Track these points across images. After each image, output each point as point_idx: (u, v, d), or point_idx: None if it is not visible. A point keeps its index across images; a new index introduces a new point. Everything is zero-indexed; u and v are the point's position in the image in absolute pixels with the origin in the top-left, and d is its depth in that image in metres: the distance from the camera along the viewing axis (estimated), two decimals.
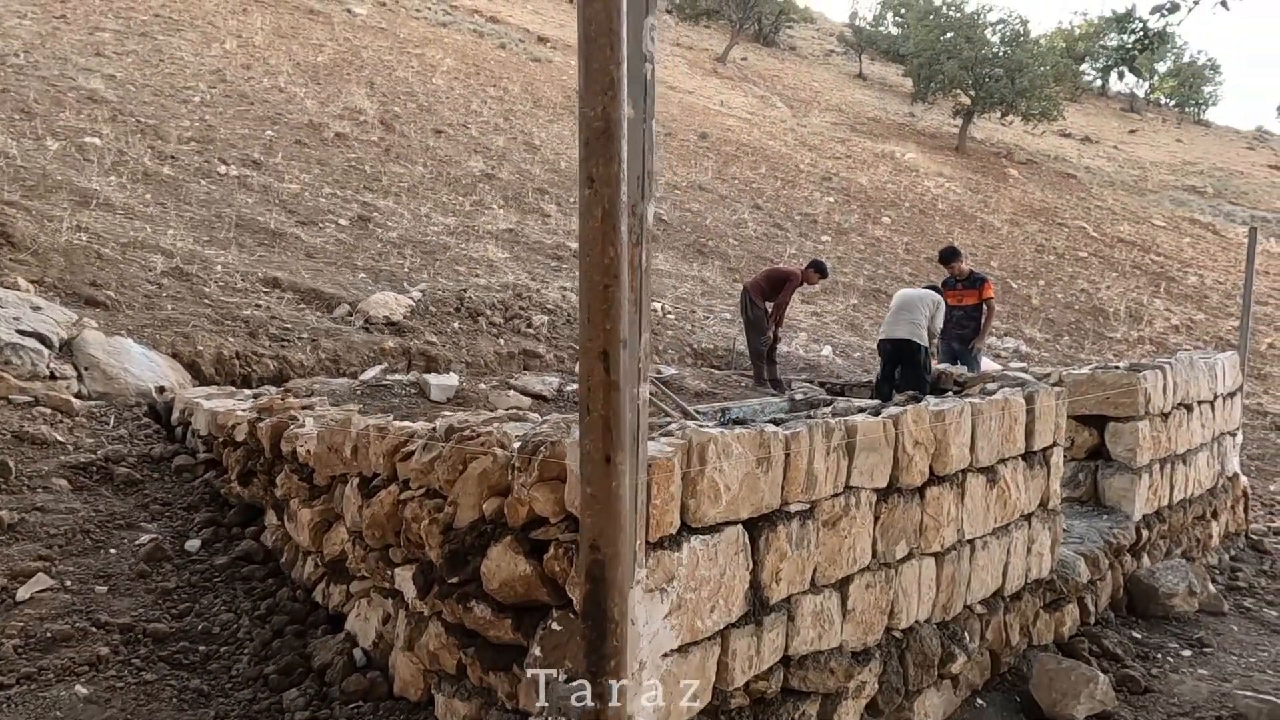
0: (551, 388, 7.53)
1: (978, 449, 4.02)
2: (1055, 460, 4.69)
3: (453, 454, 3.39)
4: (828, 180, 22.58)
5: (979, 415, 4.00)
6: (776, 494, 3.01)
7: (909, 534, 3.62)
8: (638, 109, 2.45)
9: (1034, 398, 4.47)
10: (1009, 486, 4.24)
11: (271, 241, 10.15)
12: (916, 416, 3.63)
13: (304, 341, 7.71)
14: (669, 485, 2.63)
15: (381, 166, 14.54)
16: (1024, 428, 4.41)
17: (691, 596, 2.70)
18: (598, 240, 1.95)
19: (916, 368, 8.32)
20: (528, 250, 12.69)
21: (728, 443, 2.81)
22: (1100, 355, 14.90)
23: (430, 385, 6.89)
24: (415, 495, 3.58)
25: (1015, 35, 28.65)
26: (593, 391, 2.01)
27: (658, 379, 8.63)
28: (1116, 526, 5.49)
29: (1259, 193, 32.17)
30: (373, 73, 19.66)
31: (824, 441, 3.16)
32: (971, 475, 3.99)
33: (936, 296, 8.57)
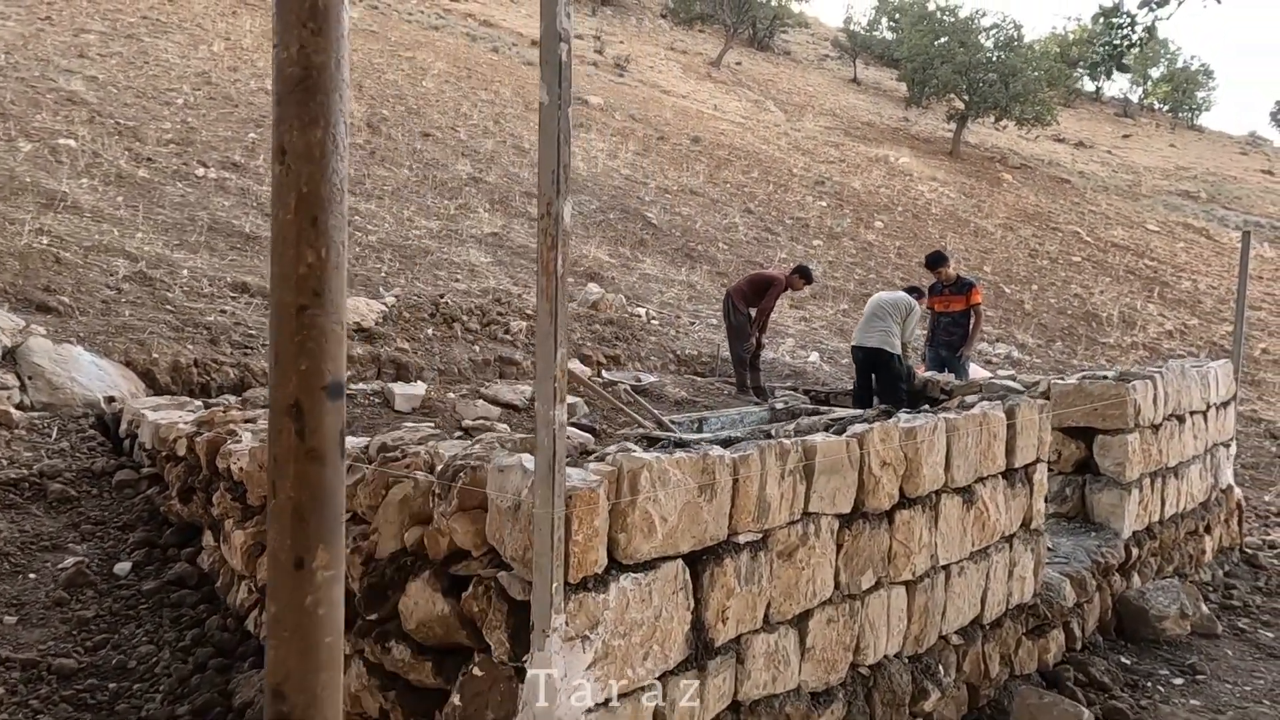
0: (524, 396, 7.22)
1: (953, 468, 3.71)
2: (1039, 478, 4.38)
3: (375, 478, 3.08)
4: (820, 184, 22.28)
5: (954, 432, 3.69)
6: (723, 524, 2.70)
7: (876, 562, 3.31)
8: (552, 94, 2.15)
9: (1015, 411, 4.16)
10: (988, 507, 3.94)
11: (245, 245, 9.84)
12: (884, 435, 3.32)
13: (268, 348, 7.39)
14: (592, 519, 2.32)
15: (366, 169, 14.24)
16: (1004, 444, 4.10)
17: (620, 643, 2.39)
18: (290, 241, 1.17)
19: (891, 375, 8.05)
20: (511, 254, 12.39)
21: (664, 469, 2.50)
22: (1093, 361, 14.59)
23: (395, 394, 6.59)
24: None
25: (1009, 40, 28.38)
26: (280, 464, 1.13)
27: (635, 386, 8.32)
28: (1105, 545, 5.18)
29: (1252, 198, 31.90)
30: (362, 75, 19.36)
31: (778, 464, 2.85)
32: (946, 496, 3.69)
33: (910, 301, 8.26)
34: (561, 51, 2.09)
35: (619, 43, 29.54)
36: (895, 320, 8.13)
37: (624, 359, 9.61)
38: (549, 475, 2.17)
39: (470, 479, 2.60)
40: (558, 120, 2.11)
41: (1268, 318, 20.63)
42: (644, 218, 16.01)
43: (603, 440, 6.94)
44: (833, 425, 3.64)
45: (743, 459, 2.72)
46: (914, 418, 3.57)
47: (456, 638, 2.59)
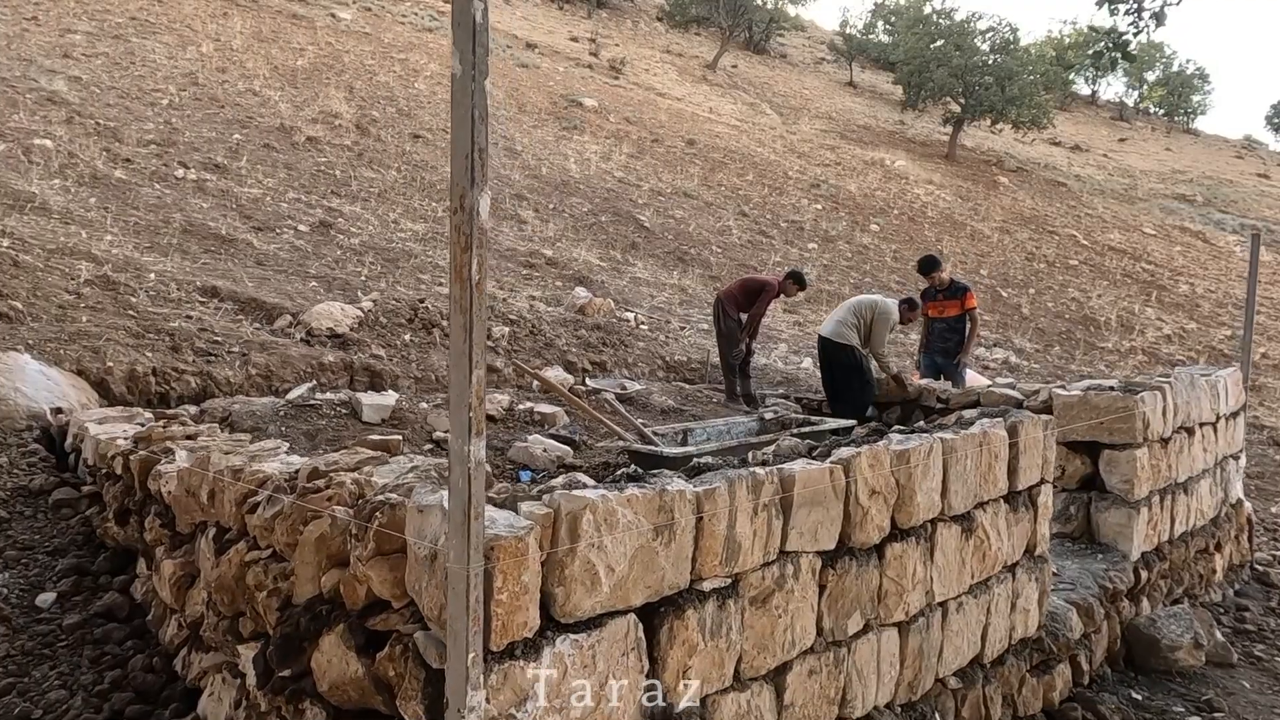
0: (500, 406, 6.82)
1: (950, 493, 3.32)
2: (1043, 500, 3.99)
3: (294, 510, 2.68)
4: (816, 187, 21.89)
5: (952, 454, 3.29)
6: (684, 570, 2.31)
7: (864, 603, 2.91)
8: (465, 62, 1.75)
9: (1018, 429, 3.77)
10: (989, 535, 3.54)
11: (219, 248, 9.45)
12: (873, 459, 2.93)
13: (234, 356, 7.00)
14: (520, 573, 1.92)
15: (353, 171, 13.86)
16: (1006, 465, 3.70)
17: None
18: None
19: (844, 371, 7.75)
20: (498, 258, 11.99)
21: (612, 510, 2.10)
22: (1092, 366, 14.20)
23: (362, 405, 6.19)
24: (262, 557, 2.88)
25: (1005, 43, 28.00)
26: None
27: (620, 395, 7.92)
28: (1113, 568, 4.78)
29: (1248, 201, 31.54)
30: (353, 77, 18.98)
31: (750, 498, 2.45)
32: (943, 525, 3.29)
33: (885, 307, 7.91)
34: (476, 11, 1.69)
35: (614, 45, 29.15)
36: (857, 318, 7.85)
37: (610, 365, 9.22)
38: (464, 524, 1.78)
39: (388, 519, 2.21)
40: (472, 94, 1.71)
41: (1267, 321, 20.24)
42: (636, 220, 15.62)
43: (582, 453, 6.54)
44: (816, 448, 3.25)
45: (708, 494, 2.33)
46: (906, 439, 3.17)
47: (372, 703, 2.19)
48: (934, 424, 3.83)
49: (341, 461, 3.18)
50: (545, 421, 6.89)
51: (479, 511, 1.79)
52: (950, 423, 3.92)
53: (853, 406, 7.97)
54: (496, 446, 6.28)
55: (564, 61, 26.01)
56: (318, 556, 2.49)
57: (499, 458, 6.12)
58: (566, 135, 19.78)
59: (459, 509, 1.78)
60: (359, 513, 2.31)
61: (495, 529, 1.91)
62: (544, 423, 6.88)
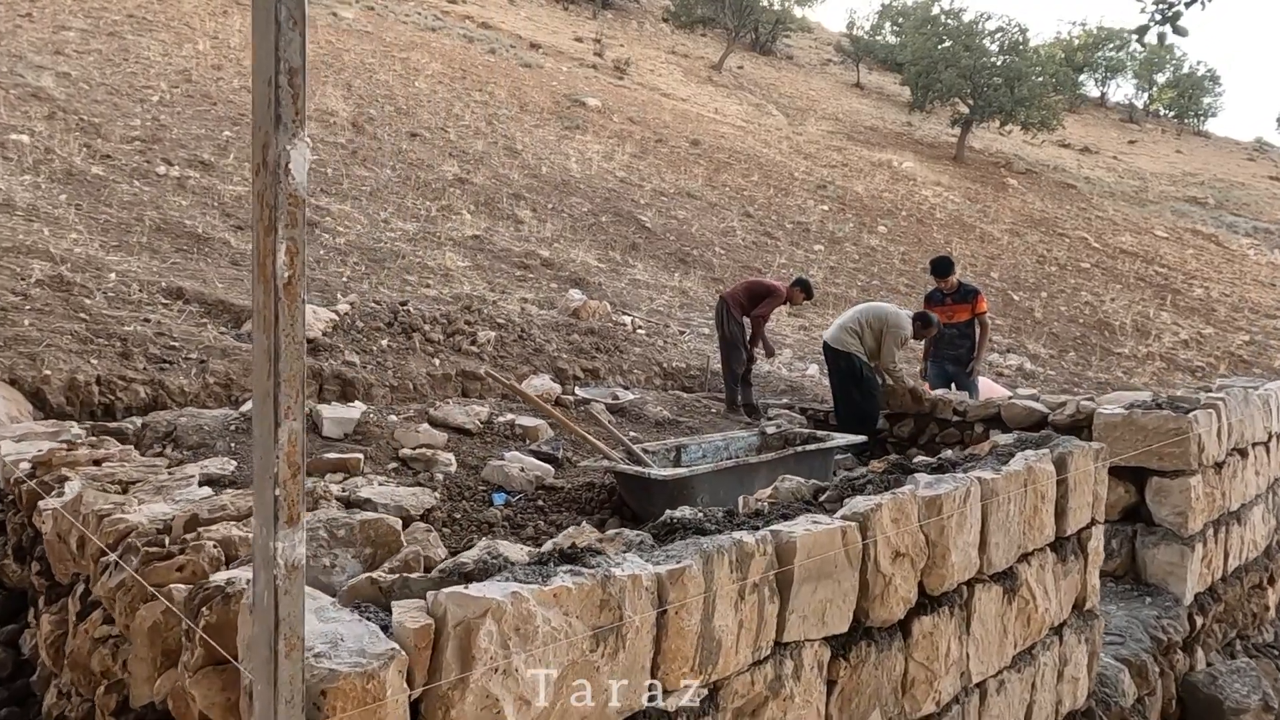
0: (478, 419, 6.15)
1: (990, 547, 2.63)
2: (1094, 545, 3.29)
3: (134, 584, 2.01)
4: (822, 188, 21.18)
5: (992, 498, 2.61)
6: (641, 683, 1.63)
7: (885, 698, 2.23)
8: None
9: (1067, 462, 3.08)
10: (1034, 594, 2.85)
11: (193, 247, 8.81)
12: (897, 511, 2.24)
13: (191, 363, 6.35)
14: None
15: (345, 169, 13.22)
16: (1054, 506, 3.01)
17: None
18: None
19: (844, 382, 7.09)
20: (491, 258, 11.33)
21: (526, 613, 1.42)
22: (1109, 373, 13.46)
23: (323, 418, 5.53)
24: (112, 635, 2.21)
25: (1014, 44, 27.23)
26: None
27: (611, 405, 7.25)
28: (1165, 615, 4.08)
29: (1260, 204, 30.71)
30: (352, 75, 18.37)
31: (734, 578, 1.78)
32: (981, 588, 2.60)
33: (899, 321, 7.22)
34: None
35: (619, 46, 28.49)
36: (864, 325, 7.19)
37: (604, 372, 8.54)
38: (270, 661, 1.10)
39: (217, 617, 1.54)
40: (277, 6, 1.04)
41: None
42: (637, 221, 14.94)
43: (565, 471, 5.87)
44: (823, 490, 2.56)
45: (674, 576, 1.65)
46: (937, 482, 2.48)
47: None
48: (965, 455, 3.13)
49: (232, 507, 2.51)
50: (527, 435, 6.22)
51: (295, 639, 1.11)
52: (984, 452, 3.23)
53: (855, 418, 7.29)
54: (470, 465, 5.61)
55: (568, 62, 25.37)
56: (152, 651, 1.82)
57: (471, 478, 5.45)
58: (568, 135, 19.12)
59: (264, 639, 1.11)
60: (189, 600, 1.64)
61: (336, 658, 1.23)
62: (526, 437, 6.21)
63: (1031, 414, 6.75)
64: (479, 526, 4.90)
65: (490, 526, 4.91)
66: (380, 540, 2.02)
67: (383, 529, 2.03)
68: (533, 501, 5.25)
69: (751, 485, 5.43)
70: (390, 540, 2.04)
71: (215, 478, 4.93)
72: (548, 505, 5.25)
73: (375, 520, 2.07)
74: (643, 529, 2.05)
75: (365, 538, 2.00)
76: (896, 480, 2.64)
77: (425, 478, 5.27)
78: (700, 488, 5.08)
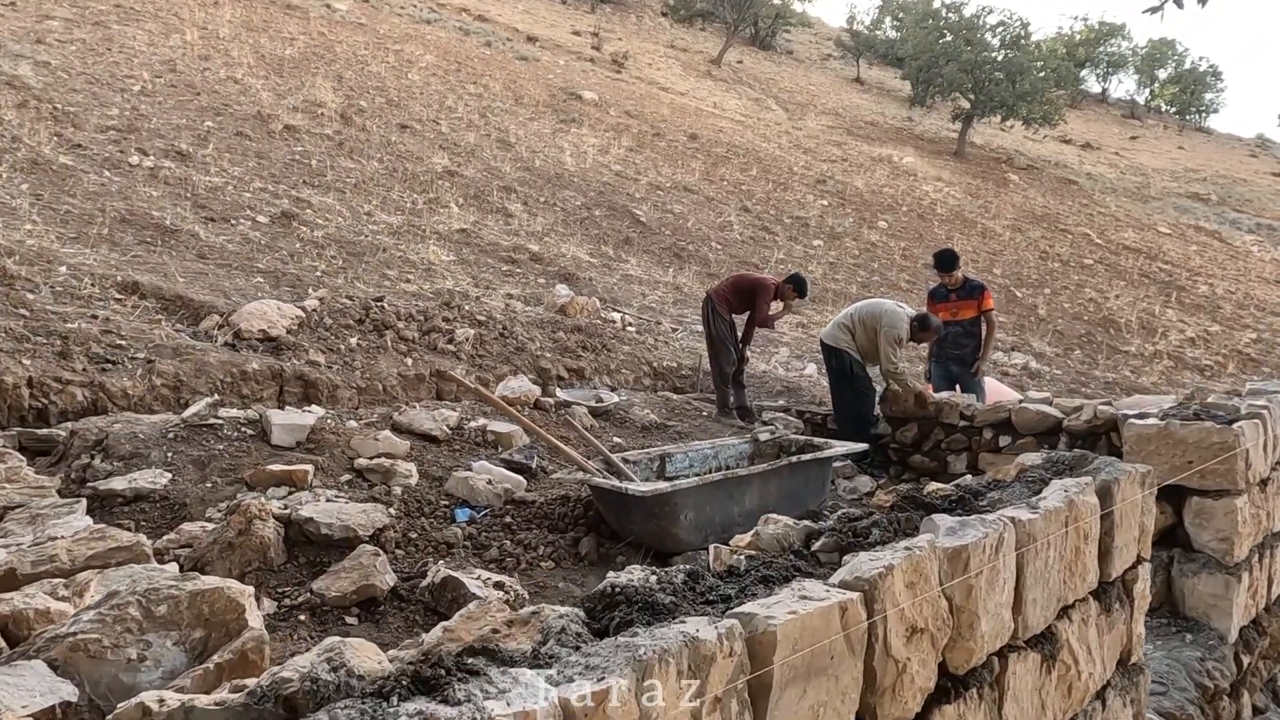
0: (446, 424, 5.59)
1: (1026, 605, 2.07)
2: (1140, 588, 2.73)
3: None
4: (822, 183, 20.59)
5: (1029, 544, 2.05)
6: None
7: None
8: None
9: (1111, 491, 2.51)
10: (1076, 657, 2.29)
11: (157, 239, 8.26)
12: (913, 573, 1.68)
13: (137, 363, 5.79)
14: None
15: (330, 161, 12.65)
16: (1097, 545, 2.46)
17: None
18: None
19: (836, 381, 6.57)
20: (478, 252, 10.77)
21: None
22: (1116, 372, 12.89)
23: (272, 424, 4.97)
24: None
25: (1016, 38, 26.60)
26: None
27: (594, 408, 6.69)
28: (1209, 657, 3.52)
29: (1263, 200, 30.08)
30: (343, 67, 17.80)
31: (685, 694, 1.22)
32: (1016, 657, 2.04)
33: (894, 320, 6.63)
34: None
35: (618, 40, 27.87)
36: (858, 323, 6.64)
37: (589, 372, 7.99)
38: None
39: None
40: None
41: None
42: (632, 215, 14.37)
43: (537, 482, 5.31)
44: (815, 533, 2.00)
45: (589, 709, 1.09)
46: (961, 528, 1.92)
47: None
48: (988, 483, 2.57)
49: (65, 558, 1.95)
50: (500, 443, 5.66)
51: None
52: (1009, 477, 2.67)
53: (850, 420, 6.74)
54: (434, 476, 5.05)
55: (565, 55, 24.77)
56: None
57: (434, 491, 4.89)
58: (564, 128, 18.54)
59: None
60: None
61: None
62: (498, 444, 5.65)
63: (1044, 419, 6.19)
64: (437, 548, 4.35)
65: (450, 548, 4.36)
66: (217, 619, 1.47)
67: (221, 603, 1.48)
68: (500, 518, 4.70)
69: (741, 499, 4.88)
70: (229, 619, 1.49)
71: (144, 493, 4.39)
72: (516, 522, 4.70)
73: (211, 591, 1.51)
74: (572, 606, 1.49)
75: (196, 616, 1.45)
76: (907, 520, 2.08)
77: (381, 491, 4.72)
78: (684, 504, 4.53)
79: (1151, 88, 37.59)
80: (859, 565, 1.63)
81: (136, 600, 1.47)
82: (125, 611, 1.44)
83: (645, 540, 4.57)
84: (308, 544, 4.10)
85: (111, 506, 4.29)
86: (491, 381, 7.11)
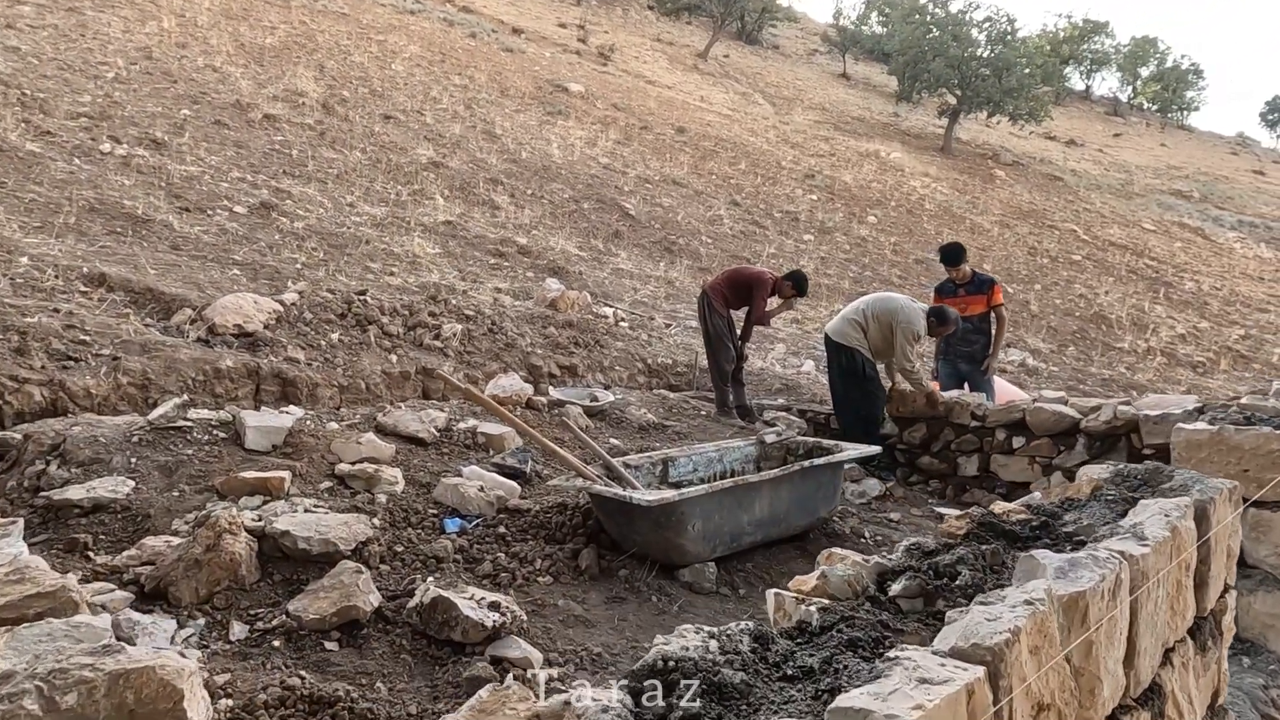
0: (434, 426, 5.20)
1: (1138, 656, 1.72)
2: (1228, 620, 2.40)
3: None
4: (810, 178, 20.28)
5: (1144, 583, 1.70)
6: None
7: None
8: None
9: (1207, 513, 2.17)
10: (1180, 710, 1.95)
11: (128, 229, 7.79)
12: (1038, 634, 1.33)
13: (102, 360, 5.36)
14: None
15: (311, 151, 12.18)
16: (1194, 577, 2.12)
17: None
18: None
19: (845, 380, 6.22)
20: (464, 245, 10.35)
21: None
22: (1112, 369, 12.65)
23: (247, 427, 4.56)
24: None
25: (1002, 34, 26.39)
26: None
27: (589, 408, 6.31)
28: (1272, 684, 3.20)
29: (1244, 198, 30.09)
30: (325, 56, 17.29)
31: None
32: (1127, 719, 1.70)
33: (910, 317, 6.30)
34: None
35: (604, 32, 27.42)
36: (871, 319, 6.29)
37: (582, 369, 7.61)
38: None
39: None
40: None
41: (1277, 320, 18.76)
42: (621, 208, 13.98)
43: (532, 488, 4.93)
44: (891, 576, 1.65)
45: None
46: (1073, 571, 1.56)
47: None
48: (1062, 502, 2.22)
49: None
50: (491, 445, 5.27)
51: None
52: (1082, 496, 2.32)
53: (858, 420, 6.40)
54: (421, 483, 4.66)
55: (551, 47, 24.31)
56: None
57: (421, 498, 4.50)
58: (550, 120, 18.12)
59: None
60: None
61: None
62: (489, 446, 5.27)
63: (1061, 420, 5.88)
64: (425, 562, 3.96)
65: (439, 562, 3.98)
66: (145, 711, 1.09)
67: (150, 690, 1.08)
68: (493, 528, 4.31)
69: (751, 507, 4.52)
70: (161, 711, 1.10)
71: (104, 503, 3.97)
72: (511, 533, 4.32)
73: (139, 673, 1.12)
74: (614, 688, 1.12)
75: (117, 708, 1.05)
76: (994, 555, 1.73)
77: (365, 499, 4.32)
78: (692, 513, 4.17)
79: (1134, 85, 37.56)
80: (975, 628, 1.27)
81: (37, 687, 1.08)
82: (19, 705, 1.05)
83: (649, 552, 4.21)
84: (284, 560, 3.71)
85: (67, 519, 3.88)
86: (480, 380, 6.72)
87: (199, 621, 3.33)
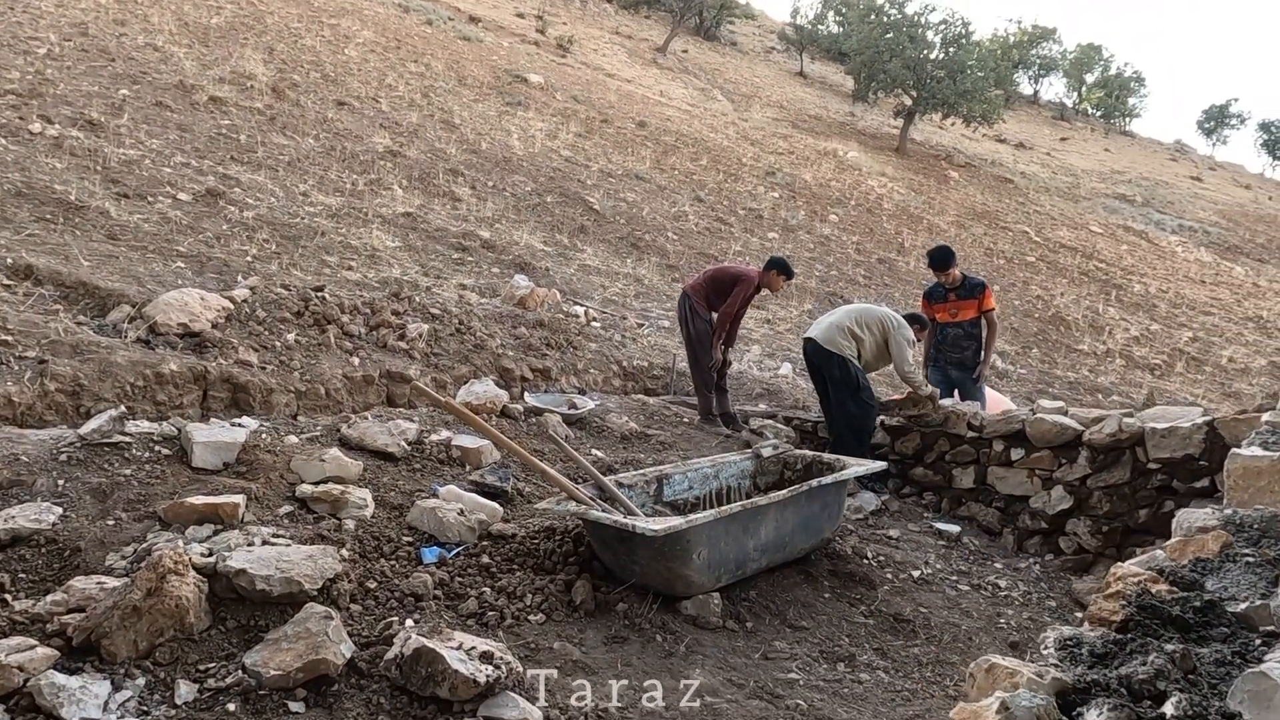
0: (404, 439, 4.69)
1: None
2: None
3: None
4: (771, 175, 20.00)
5: None
6: None
7: None
8: None
9: None
10: None
11: (60, 216, 7.09)
12: None
13: (27, 363, 4.74)
14: None
15: (261, 136, 11.45)
16: None
17: None
18: None
19: (839, 391, 5.88)
20: (425, 238, 9.78)
21: None
22: (1076, 371, 12.57)
23: (195, 443, 4.01)
24: None
25: (957, 37, 26.45)
26: None
27: (569, 416, 5.85)
28: None
29: (1183, 203, 30.71)
30: (275, 39, 16.45)
31: None
32: None
33: (900, 321, 6.03)
34: None
35: (562, 24, 26.81)
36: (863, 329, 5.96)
37: (556, 372, 7.13)
38: None
39: None
40: None
41: (1222, 323, 19.04)
42: (585, 202, 13.49)
43: (515, 509, 4.46)
44: (1076, 696, 1.24)
45: None
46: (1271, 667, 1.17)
47: None
48: (1192, 564, 1.85)
49: None
50: (467, 459, 4.78)
51: None
52: (1210, 555, 1.95)
53: (852, 432, 6.05)
54: (393, 505, 4.16)
55: (509, 37, 23.65)
56: None
57: (394, 523, 4.00)
58: (510, 111, 17.52)
59: None
60: None
61: None
62: (465, 461, 4.78)
63: (1063, 431, 5.59)
64: (402, 600, 3.48)
65: (418, 600, 3.49)
66: None
67: None
68: (475, 558, 3.84)
69: (757, 531, 4.12)
70: None
71: (25, 534, 3.40)
72: (495, 562, 3.85)
73: None
74: None
75: None
76: (1183, 659, 1.33)
77: (330, 526, 3.81)
78: (699, 541, 3.75)
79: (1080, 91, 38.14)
80: None
81: None
82: None
83: (650, 583, 3.78)
84: (239, 602, 3.19)
85: None
86: (450, 384, 6.21)
87: (138, 682, 2.81)
